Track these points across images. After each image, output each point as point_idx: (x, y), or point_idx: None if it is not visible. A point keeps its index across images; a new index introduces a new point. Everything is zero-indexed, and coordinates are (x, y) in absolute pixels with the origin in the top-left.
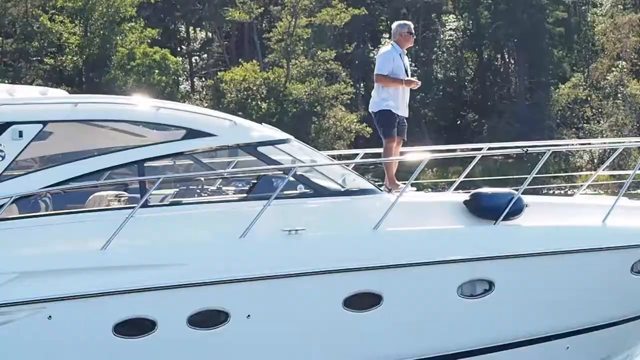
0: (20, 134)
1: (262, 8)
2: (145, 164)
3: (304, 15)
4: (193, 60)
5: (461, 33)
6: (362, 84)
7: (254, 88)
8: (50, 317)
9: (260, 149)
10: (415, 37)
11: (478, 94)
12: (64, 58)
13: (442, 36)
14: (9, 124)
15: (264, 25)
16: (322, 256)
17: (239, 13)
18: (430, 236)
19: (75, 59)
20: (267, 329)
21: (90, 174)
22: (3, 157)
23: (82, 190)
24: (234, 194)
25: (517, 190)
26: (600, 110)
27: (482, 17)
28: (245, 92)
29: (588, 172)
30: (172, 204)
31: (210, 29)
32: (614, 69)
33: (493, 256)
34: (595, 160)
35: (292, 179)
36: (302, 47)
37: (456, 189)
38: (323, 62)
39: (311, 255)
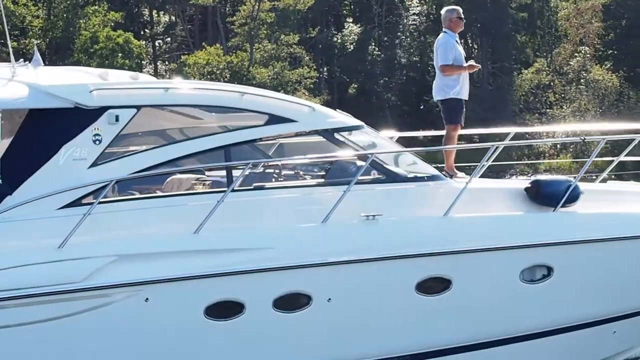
0: (117, 119)
1: None
2: (231, 149)
3: None
4: (156, 44)
5: (424, 18)
6: (325, 68)
7: (218, 72)
8: (147, 299)
9: (337, 135)
10: (464, 21)
11: None
12: (27, 41)
13: (405, 21)
14: (105, 109)
15: (227, 9)
16: (398, 241)
17: None
18: (497, 222)
19: (38, 42)
20: (345, 312)
21: (179, 159)
22: (100, 141)
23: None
24: (311, 179)
25: (574, 177)
26: (563, 95)
27: (445, 2)
28: (209, 76)
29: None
30: (255, 188)
31: (174, 13)
32: (577, 54)
33: (553, 242)
34: (558, 146)
35: (367, 165)
36: (265, 31)
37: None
38: (286, 46)
39: (388, 240)
